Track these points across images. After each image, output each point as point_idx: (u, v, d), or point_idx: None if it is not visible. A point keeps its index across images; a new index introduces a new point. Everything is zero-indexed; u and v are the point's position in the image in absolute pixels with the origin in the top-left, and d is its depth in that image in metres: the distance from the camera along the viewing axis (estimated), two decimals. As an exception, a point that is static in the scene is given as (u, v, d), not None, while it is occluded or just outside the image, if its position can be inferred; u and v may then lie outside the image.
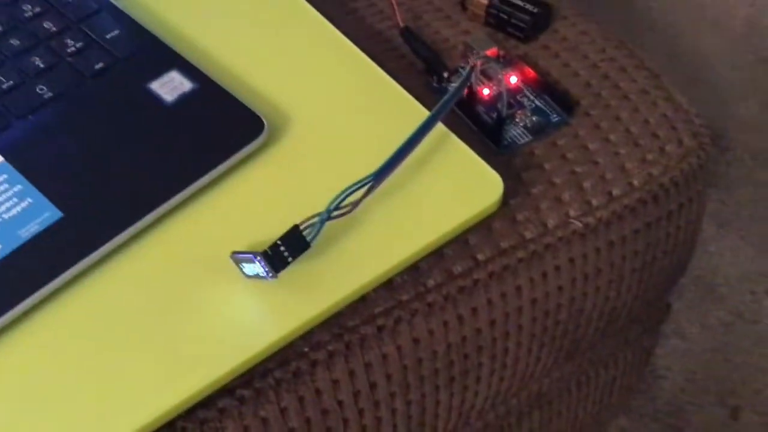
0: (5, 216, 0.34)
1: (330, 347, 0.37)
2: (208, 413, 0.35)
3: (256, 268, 0.32)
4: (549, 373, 0.51)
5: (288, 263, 0.32)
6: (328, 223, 0.33)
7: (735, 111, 0.96)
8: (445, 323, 0.40)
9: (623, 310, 0.48)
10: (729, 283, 0.83)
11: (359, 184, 0.33)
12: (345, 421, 0.40)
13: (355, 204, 0.33)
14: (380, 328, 0.38)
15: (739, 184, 0.90)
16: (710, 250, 0.86)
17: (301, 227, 0.33)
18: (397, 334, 0.38)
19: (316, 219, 0.32)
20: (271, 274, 0.32)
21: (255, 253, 0.32)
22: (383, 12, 0.49)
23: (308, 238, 0.32)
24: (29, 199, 0.35)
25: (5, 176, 0.36)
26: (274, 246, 0.32)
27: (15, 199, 0.35)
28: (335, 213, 0.33)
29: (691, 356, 0.79)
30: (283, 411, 0.37)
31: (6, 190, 0.35)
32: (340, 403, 0.38)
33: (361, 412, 0.40)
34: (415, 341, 0.39)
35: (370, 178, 0.33)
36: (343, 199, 0.33)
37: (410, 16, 0.48)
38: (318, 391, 0.37)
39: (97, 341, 0.34)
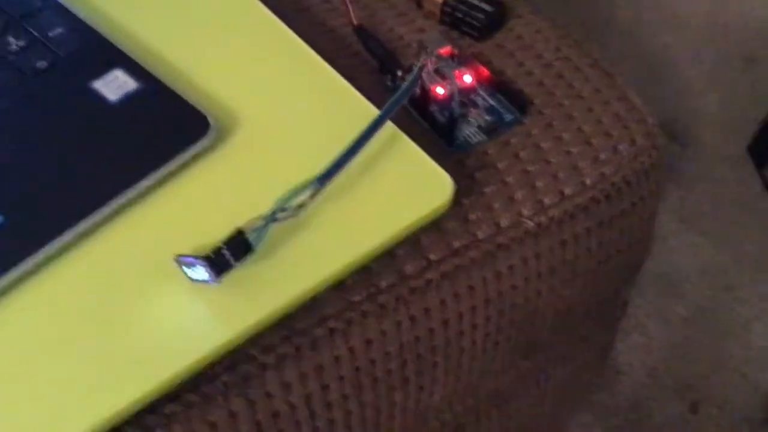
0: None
1: (280, 350, 0.36)
2: (155, 419, 0.34)
3: (200, 272, 0.32)
4: (506, 371, 0.51)
5: (231, 267, 0.32)
6: (274, 225, 0.32)
7: (695, 107, 0.97)
8: (398, 324, 0.39)
9: (578, 308, 0.48)
10: (689, 278, 0.84)
11: (304, 186, 0.32)
12: (297, 423, 0.39)
13: (301, 206, 0.33)
14: (332, 331, 0.37)
15: (700, 179, 0.91)
16: (671, 245, 0.86)
17: (246, 231, 0.32)
18: (348, 335, 0.38)
19: (260, 222, 0.32)
20: (213, 279, 0.32)
21: (197, 258, 0.31)
22: (337, 9, 0.48)
23: (252, 242, 0.32)
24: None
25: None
26: (217, 250, 0.31)
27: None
28: (280, 215, 0.32)
29: (651, 352, 0.79)
30: (232, 415, 0.36)
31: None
32: (291, 405, 0.38)
33: (312, 414, 0.39)
34: (368, 342, 0.39)
35: (314, 181, 0.33)
36: (286, 202, 0.32)
37: (365, 14, 0.48)
38: (268, 395, 0.37)
39: (38, 346, 0.33)
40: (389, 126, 0.38)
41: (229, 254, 0.32)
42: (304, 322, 0.37)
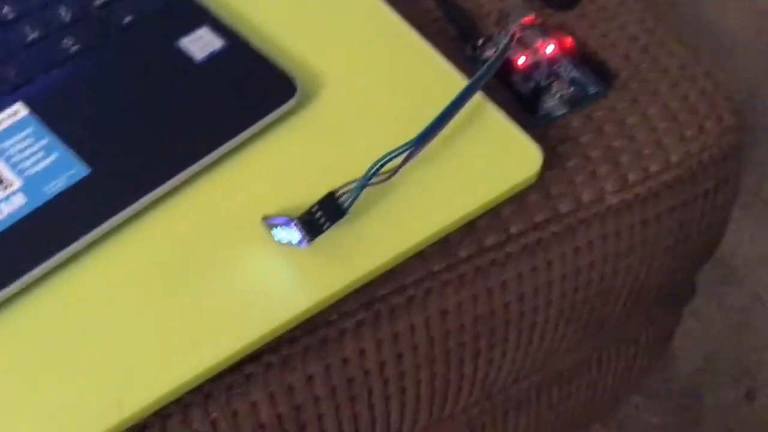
0: (31, 171, 0.33)
1: (359, 316, 0.36)
2: (234, 378, 0.34)
3: (290, 234, 0.31)
4: (573, 349, 0.50)
5: (323, 230, 0.32)
6: (365, 190, 0.32)
7: (757, 92, 0.95)
8: (475, 296, 0.39)
9: (651, 290, 0.47)
10: (747, 265, 0.83)
11: (398, 151, 0.32)
12: (369, 390, 0.39)
13: (394, 171, 0.32)
14: (410, 299, 0.37)
15: (761, 165, 0.89)
16: (730, 230, 0.85)
17: (337, 194, 0.32)
18: (426, 305, 0.37)
19: (353, 185, 0.31)
20: (305, 241, 0.31)
21: (290, 218, 0.31)
22: (417, -25, 0.48)
23: (344, 205, 0.32)
24: (55, 154, 0.34)
25: (31, 129, 0.35)
26: (310, 212, 0.31)
27: (41, 154, 0.34)
28: (373, 180, 0.32)
29: (707, 337, 0.78)
30: (309, 378, 0.36)
31: (31, 145, 0.34)
32: (366, 372, 0.38)
33: (386, 381, 0.39)
34: (444, 313, 0.38)
35: (410, 145, 0.32)
36: (382, 166, 0.32)
37: (445, -19, 0.47)
38: (345, 360, 0.37)
39: (125, 304, 0.33)
40: (478, 95, 0.37)
41: (322, 216, 0.31)
42: (384, 289, 0.37)
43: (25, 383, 0.31)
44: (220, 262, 0.33)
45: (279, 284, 0.33)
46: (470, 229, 0.38)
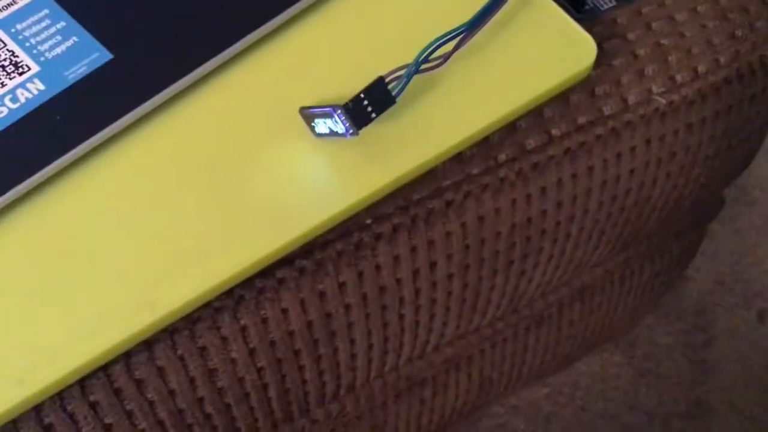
0: (48, 55, 0.31)
1: (395, 220, 0.34)
2: (266, 282, 0.32)
3: (334, 124, 0.29)
4: (602, 263, 0.49)
5: (371, 119, 0.29)
6: (414, 78, 0.29)
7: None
8: (513, 201, 0.37)
9: (686, 201, 0.46)
10: (762, 186, 0.81)
11: (450, 35, 0.29)
12: (401, 299, 0.37)
13: (446, 58, 0.30)
14: (448, 203, 0.35)
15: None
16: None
17: (386, 80, 0.29)
18: (463, 210, 0.35)
19: (402, 72, 0.29)
20: (351, 131, 0.29)
21: (335, 107, 0.28)
22: None
23: (393, 93, 0.29)
24: (74, 38, 0.31)
25: (46, 11, 0.31)
26: (357, 99, 0.28)
27: (59, 37, 0.31)
28: (423, 66, 0.29)
29: (720, 258, 0.77)
30: (341, 285, 0.34)
31: (48, 27, 0.31)
32: (398, 280, 0.36)
33: (417, 291, 0.37)
34: (480, 219, 0.36)
35: (462, 29, 0.29)
36: (433, 51, 0.29)
37: None
38: (378, 267, 0.35)
39: (156, 201, 0.31)
40: (526, -18, 0.34)
41: (370, 105, 0.29)
42: (421, 192, 0.34)
43: (59, 279, 0.29)
44: (253, 158, 0.31)
45: (316, 182, 0.30)
46: (511, 130, 0.36)
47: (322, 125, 0.29)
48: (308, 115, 0.30)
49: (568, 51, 0.34)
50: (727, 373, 0.72)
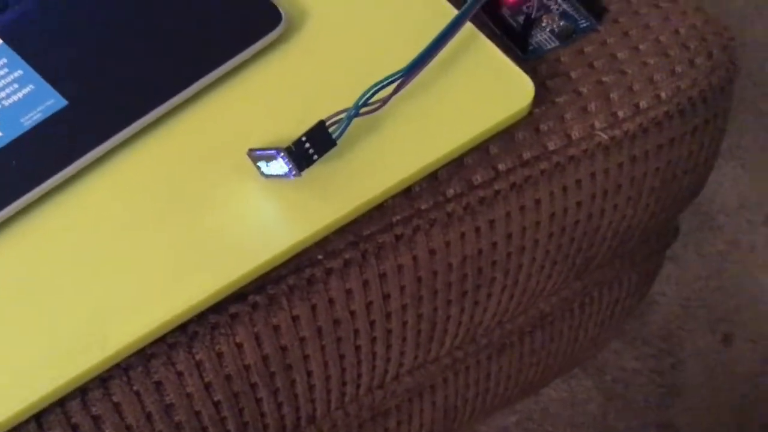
0: (5, 102, 0.32)
1: (346, 255, 0.35)
2: (219, 318, 0.33)
3: (277, 166, 0.30)
4: (557, 291, 0.50)
5: (313, 161, 0.30)
6: (354, 121, 0.31)
7: (742, 35, 0.94)
8: (462, 235, 0.38)
9: (637, 230, 0.47)
10: (726, 211, 0.83)
11: (389, 80, 0.31)
12: (356, 331, 0.38)
13: (385, 101, 0.31)
14: (398, 237, 0.36)
15: (742, 110, 0.89)
16: (709, 177, 0.85)
17: (327, 123, 0.30)
18: (414, 244, 0.37)
19: (342, 115, 0.30)
20: (294, 172, 0.30)
21: (278, 149, 0.30)
22: None
23: (334, 135, 0.30)
24: (31, 86, 0.32)
25: (5, 60, 0.33)
26: (299, 142, 0.30)
27: (16, 85, 0.32)
28: (363, 110, 0.31)
29: (685, 283, 0.79)
30: (294, 319, 0.35)
31: (6, 75, 0.32)
32: (352, 313, 0.37)
33: (372, 323, 0.39)
34: (432, 252, 0.38)
35: (400, 74, 0.31)
36: (372, 95, 0.31)
37: None
38: (331, 301, 0.36)
39: (107, 240, 0.32)
40: (468, 26, 0.36)
41: (312, 147, 0.30)
42: (370, 228, 0.36)
43: (8, 318, 0.30)
44: (204, 198, 0.32)
45: (264, 220, 0.32)
46: (458, 166, 0.37)
47: (266, 167, 0.31)
48: (255, 156, 0.31)
49: (507, 90, 0.35)
50: (695, 397, 0.74)
